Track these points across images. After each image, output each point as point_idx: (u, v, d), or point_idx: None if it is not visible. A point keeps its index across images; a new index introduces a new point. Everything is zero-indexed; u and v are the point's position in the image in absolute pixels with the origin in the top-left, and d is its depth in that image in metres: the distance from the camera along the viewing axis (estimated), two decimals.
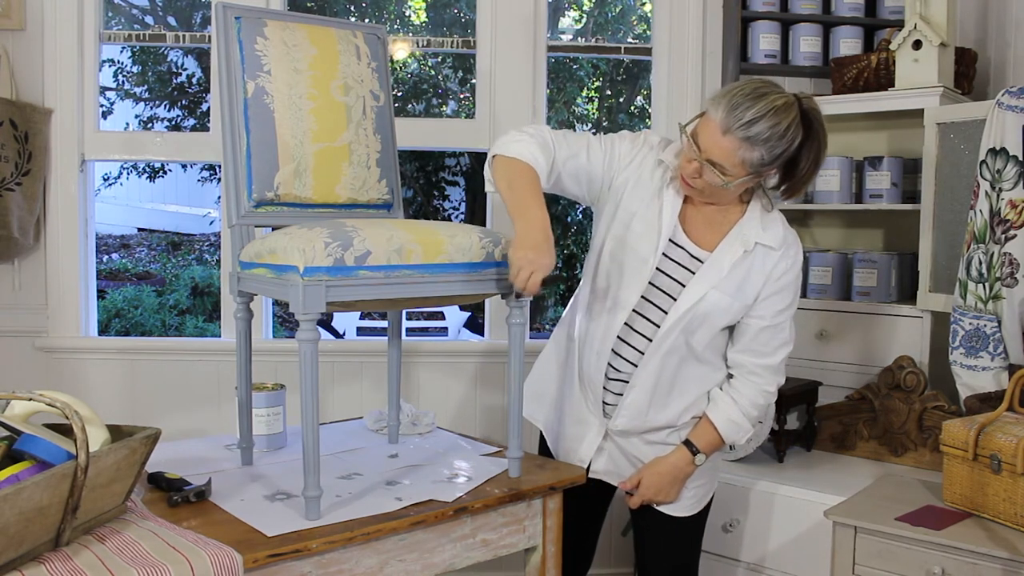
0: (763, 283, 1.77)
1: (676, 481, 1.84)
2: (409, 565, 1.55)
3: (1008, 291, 2.11)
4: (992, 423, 1.79)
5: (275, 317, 3.51)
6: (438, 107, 8.97)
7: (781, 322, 1.80)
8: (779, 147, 1.63)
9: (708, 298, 1.75)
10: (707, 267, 1.76)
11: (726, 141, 1.62)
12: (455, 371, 2.97)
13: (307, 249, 1.47)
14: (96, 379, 2.90)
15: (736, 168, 1.65)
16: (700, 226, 1.81)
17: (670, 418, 1.84)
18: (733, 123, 1.60)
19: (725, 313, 1.77)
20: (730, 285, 1.76)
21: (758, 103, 1.60)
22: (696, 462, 1.83)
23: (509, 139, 1.75)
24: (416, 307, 1.79)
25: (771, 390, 1.84)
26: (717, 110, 1.62)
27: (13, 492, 1.10)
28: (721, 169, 1.65)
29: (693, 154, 1.67)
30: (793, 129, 1.62)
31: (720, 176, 1.66)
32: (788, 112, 1.62)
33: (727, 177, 1.66)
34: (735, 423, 1.82)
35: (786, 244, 1.78)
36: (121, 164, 9.64)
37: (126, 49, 8.85)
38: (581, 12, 9.01)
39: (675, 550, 1.94)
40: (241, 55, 1.70)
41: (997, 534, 1.72)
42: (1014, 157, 2.09)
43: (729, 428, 1.82)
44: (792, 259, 1.79)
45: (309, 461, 1.48)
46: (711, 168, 1.65)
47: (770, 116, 1.60)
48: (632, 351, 1.81)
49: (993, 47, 2.78)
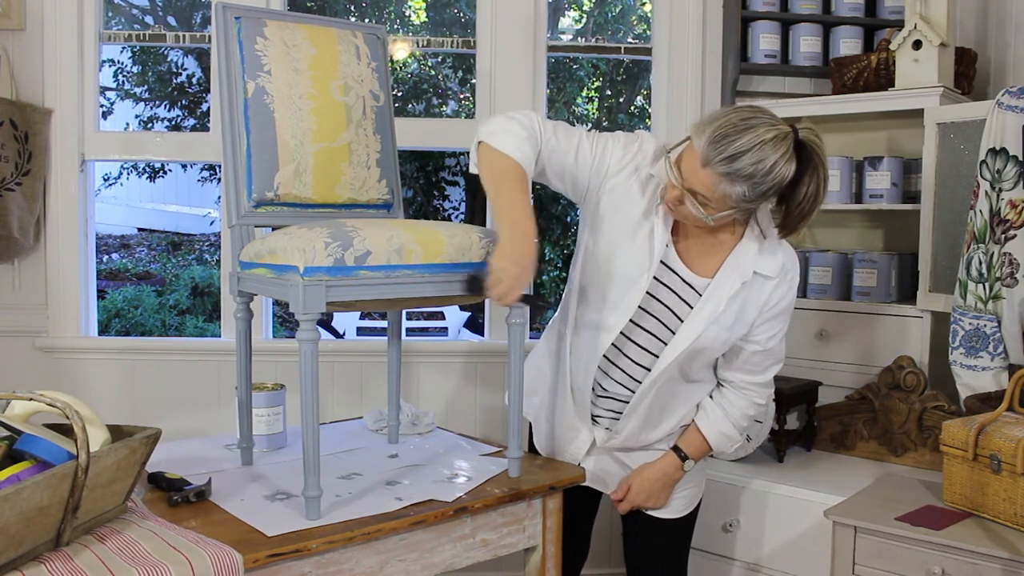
0: (759, 312, 1.72)
1: (665, 487, 1.86)
2: (409, 565, 1.55)
3: (1008, 291, 2.11)
4: (992, 423, 1.79)
5: (275, 317, 3.51)
6: (438, 107, 8.97)
7: (774, 346, 1.79)
8: (764, 184, 1.51)
9: (707, 334, 1.70)
10: (704, 301, 1.69)
11: (705, 174, 1.52)
12: (455, 371, 2.97)
13: (307, 249, 1.47)
14: (96, 379, 2.90)
15: (718, 202, 1.55)
16: (694, 249, 1.73)
17: (661, 435, 1.87)
18: (714, 156, 1.49)
19: (722, 345, 1.75)
20: (727, 319, 1.71)
21: (744, 136, 1.49)
22: (685, 468, 1.85)
23: (498, 128, 1.65)
24: (416, 307, 1.79)
25: (761, 402, 1.86)
26: (700, 139, 1.52)
27: (13, 492, 1.10)
28: (703, 200, 1.56)
29: (675, 181, 1.58)
30: (783, 165, 1.50)
31: (699, 209, 1.57)
32: (778, 147, 1.50)
33: (708, 210, 1.57)
34: (724, 435, 1.84)
35: (783, 271, 1.70)
36: (121, 164, 9.64)
37: (126, 49, 8.86)
38: (581, 12, 9.01)
39: (665, 552, 1.95)
40: (241, 55, 1.71)
41: (997, 534, 1.72)
42: (1014, 157, 2.09)
43: (719, 439, 1.84)
44: (788, 286, 1.72)
45: (309, 461, 1.48)
46: (691, 199, 1.56)
47: (756, 151, 1.48)
48: (623, 375, 1.79)
49: (993, 47, 2.78)
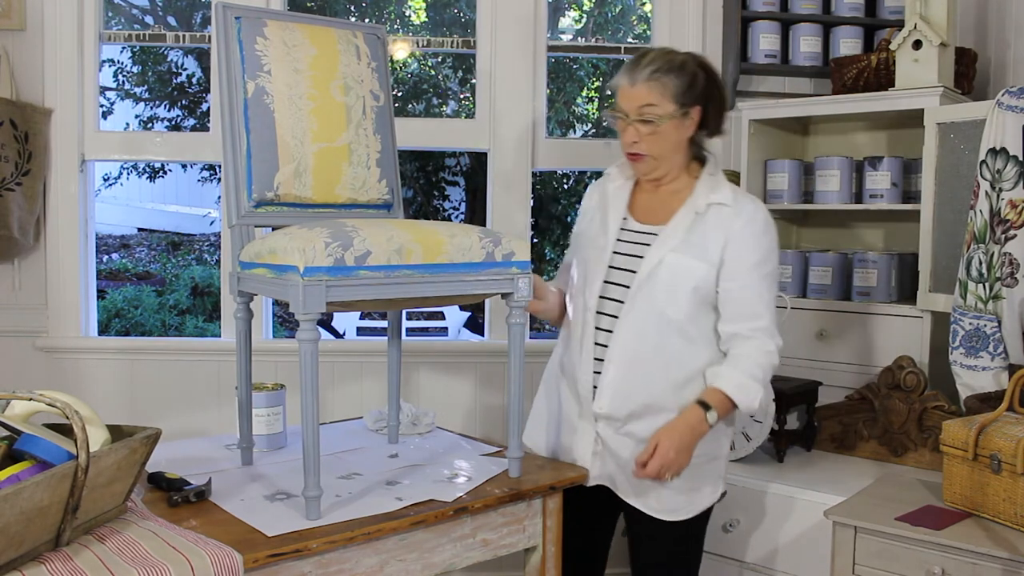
0: (724, 241, 1.80)
1: (691, 441, 1.78)
2: (409, 565, 1.55)
3: (1008, 291, 2.11)
4: (992, 423, 1.79)
5: (275, 317, 3.51)
6: (438, 107, 8.97)
7: (756, 282, 1.80)
8: (686, 75, 1.78)
9: (667, 261, 1.80)
10: (662, 236, 1.83)
11: (638, 90, 1.77)
12: (455, 371, 2.97)
13: (307, 249, 1.47)
14: (96, 379, 2.90)
15: (663, 103, 1.77)
16: (652, 210, 1.89)
17: (656, 396, 1.81)
18: (635, 71, 1.77)
19: (689, 274, 1.79)
20: (689, 248, 1.80)
21: (648, 52, 1.81)
22: (708, 419, 1.77)
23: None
24: (416, 307, 1.80)
25: (771, 349, 1.82)
26: (620, 78, 1.81)
27: (13, 492, 1.10)
28: (648, 116, 1.77)
29: (623, 121, 1.80)
30: (691, 62, 1.80)
31: (651, 123, 1.78)
32: (677, 51, 1.83)
33: (659, 117, 1.77)
34: (741, 385, 1.78)
35: (737, 200, 1.84)
36: (121, 164, 9.64)
37: (126, 49, 8.85)
38: (581, 12, 9.01)
39: (671, 559, 1.92)
40: (241, 55, 1.71)
41: (997, 534, 1.72)
42: (1014, 157, 2.09)
43: (736, 390, 1.78)
44: (749, 214, 1.82)
45: (309, 461, 1.48)
46: (640, 125, 1.78)
47: (663, 54, 1.79)
48: (607, 335, 1.84)
49: (993, 47, 2.78)
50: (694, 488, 1.89)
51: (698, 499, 1.90)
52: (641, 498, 1.87)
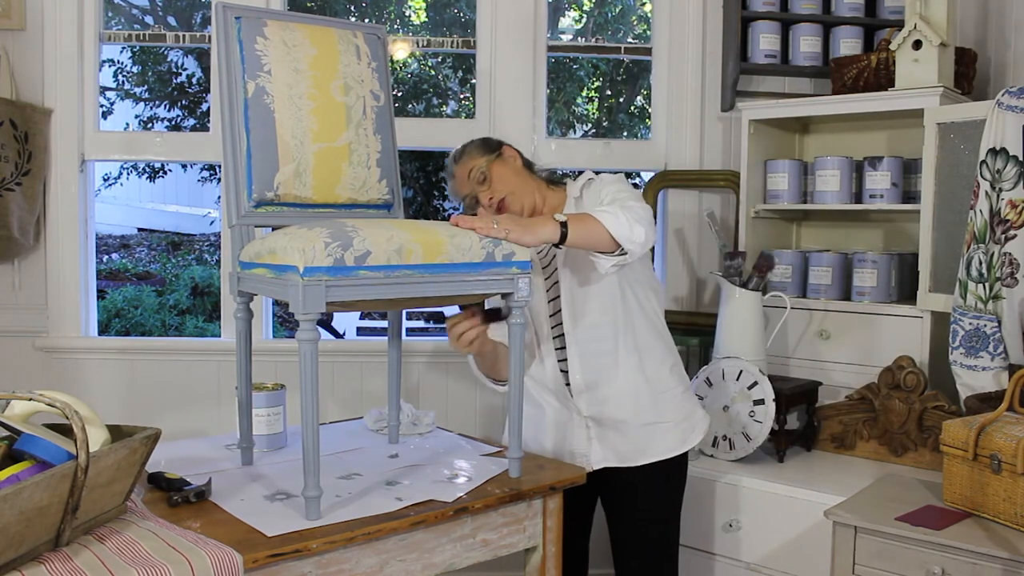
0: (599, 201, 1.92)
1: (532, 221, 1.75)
2: (409, 565, 1.55)
3: (1008, 291, 2.11)
4: (992, 423, 1.79)
5: (275, 317, 3.51)
6: (438, 107, 8.96)
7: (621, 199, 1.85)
8: (475, 142, 2.02)
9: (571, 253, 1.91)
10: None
11: (460, 171, 1.99)
12: (455, 371, 2.97)
13: (307, 249, 1.47)
14: (96, 379, 2.90)
15: (479, 162, 1.97)
16: None
17: (627, 386, 1.94)
18: (454, 171, 2.01)
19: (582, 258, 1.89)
20: None
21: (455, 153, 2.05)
22: (557, 218, 1.73)
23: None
24: (416, 307, 1.79)
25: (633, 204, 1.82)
26: (449, 183, 2.06)
27: (13, 492, 1.10)
28: (476, 172, 1.97)
29: (484, 202, 1.95)
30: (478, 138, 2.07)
31: (484, 177, 1.96)
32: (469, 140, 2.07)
33: (485, 169, 1.96)
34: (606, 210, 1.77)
35: (590, 176, 2.03)
36: (121, 164, 9.64)
37: (126, 49, 8.84)
38: (581, 12, 9.00)
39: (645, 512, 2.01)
40: (241, 55, 1.70)
41: (997, 534, 1.72)
42: (1014, 157, 2.09)
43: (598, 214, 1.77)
44: (600, 178, 2.00)
45: (309, 461, 1.48)
46: (478, 184, 1.96)
47: (455, 151, 2.04)
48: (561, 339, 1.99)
49: (993, 47, 2.78)
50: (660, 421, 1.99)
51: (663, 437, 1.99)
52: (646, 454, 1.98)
